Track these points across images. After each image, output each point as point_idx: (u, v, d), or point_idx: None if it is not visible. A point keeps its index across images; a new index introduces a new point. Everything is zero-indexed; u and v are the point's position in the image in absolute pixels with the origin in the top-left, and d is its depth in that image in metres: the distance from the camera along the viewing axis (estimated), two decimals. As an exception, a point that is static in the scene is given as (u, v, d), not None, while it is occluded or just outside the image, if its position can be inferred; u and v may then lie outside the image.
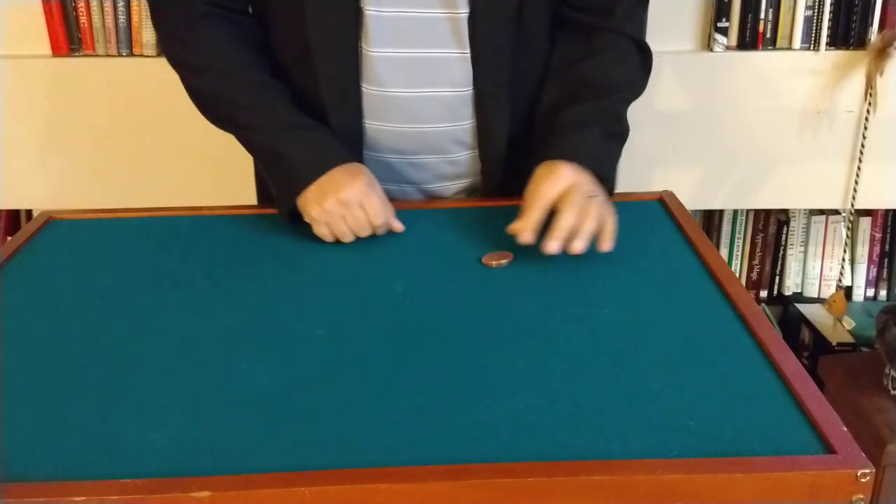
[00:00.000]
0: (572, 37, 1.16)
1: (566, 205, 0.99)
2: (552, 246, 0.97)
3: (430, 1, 1.07)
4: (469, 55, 1.10)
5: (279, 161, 1.10)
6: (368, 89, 1.11)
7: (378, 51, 1.09)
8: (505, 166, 1.18)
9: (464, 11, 1.07)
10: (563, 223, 0.98)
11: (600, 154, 1.09)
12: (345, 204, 1.04)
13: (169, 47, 1.16)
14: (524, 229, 0.99)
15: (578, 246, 0.97)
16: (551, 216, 1.00)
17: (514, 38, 1.11)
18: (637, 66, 1.17)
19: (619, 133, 1.13)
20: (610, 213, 1.01)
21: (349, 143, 1.13)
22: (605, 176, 1.07)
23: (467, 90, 1.13)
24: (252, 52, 1.14)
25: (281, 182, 1.10)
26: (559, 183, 1.00)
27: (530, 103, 1.17)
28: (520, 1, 1.09)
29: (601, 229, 0.99)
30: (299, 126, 1.10)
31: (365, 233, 1.05)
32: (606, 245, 0.99)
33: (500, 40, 1.10)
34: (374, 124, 1.14)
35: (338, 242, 1.06)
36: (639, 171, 1.79)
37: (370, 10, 1.07)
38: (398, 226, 1.08)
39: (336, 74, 1.11)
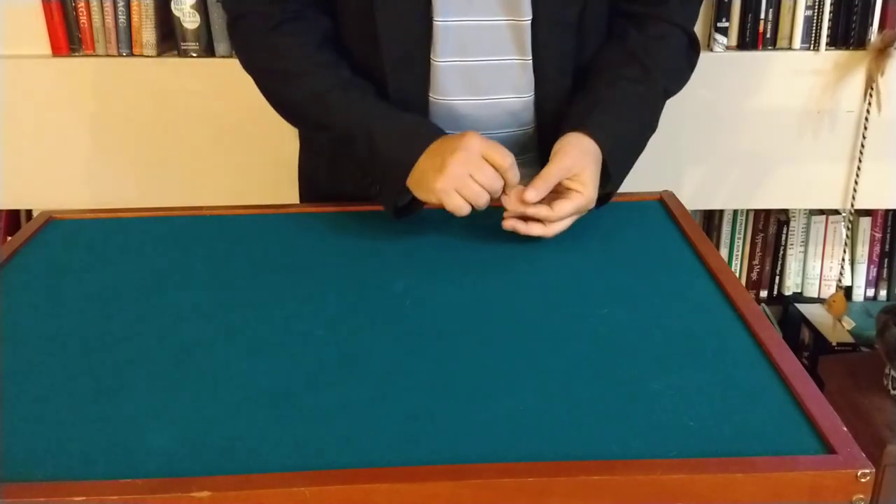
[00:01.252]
0: (626, 23, 1.16)
1: (559, 225, 1.03)
2: (508, 224, 1.03)
3: (495, 8, 1.08)
4: (531, 61, 1.11)
5: (379, 152, 1.05)
6: (434, 99, 1.12)
7: (444, 60, 1.09)
8: None
9: (527, 18, 1.08)
10: (537, 229, 1.03)
11: (629, 159, 1.12)
12: (467, 161, 0.98)
13: (249, 56, 1.14)
14: (527, 200, 1.02)
15: (521, 228, 1.03)
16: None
17: (575, 43, 1.11)
18: (686, 58, 1.18)
19: (652, 128, 1.16)
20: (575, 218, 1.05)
21: None
22: (616, 177, 1.10)
23: (530, 96, 1.13)
24: (332, 52, 1.12)
25: (385, 172, 1.06)
26: (579, 211, 1.04)
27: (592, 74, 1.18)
28: (582, 6, 1.09)
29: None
30: (392, 115, 1.07)
31: (498, 183, 1.00)
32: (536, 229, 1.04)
33: (562, 46, 1.11)
34: None
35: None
36: (639, 171, 1.78)
37: (439, 20, 1.07)
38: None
39: (405, 85, 1.11)
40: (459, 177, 0.99)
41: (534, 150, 1.19)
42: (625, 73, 1.12)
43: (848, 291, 1.96)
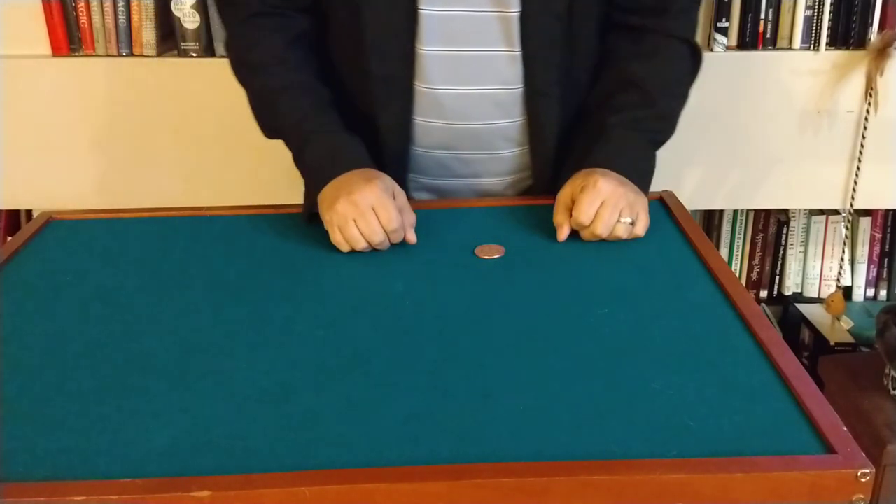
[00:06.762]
0: (623, 37, 1.16)
1: (595, 221, 1.04)
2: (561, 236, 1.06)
3: (482, 0, 1.08)
4: (520, 54, 1.11)
5: (303, 164, 1.11)
6: (420, 87, 1.12)
7: (431, 49, 1.10)
8: (555, 163, 1.19)
9: (515, 10, 1.08)
10: (588, 236, 1.06)
11: (639, 165, 1.12)
12: (356, 206, 1.01)
13: (226, 42, 1.19)
14: (563, 236, 1.06)
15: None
16: None
17: (564, 36, 1.11)
18: (687, 69, 1.18)
19: (660, 141, 1.16)
20: (640, 231, 1.06)
21: (398, 140, 1.15)
22: (641, 186, 1.10)
23: (518, 88, 1.13)
24: (299, 51, 1.14)
25: (306, 185, 1.11)
26: (596, 201, 1.04)
27: (580, 101, 1.19)
28: (570, 0, 1.09)
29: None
30: (323, 130, 1.11)
31: (377, 238, 1.02)
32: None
33: (551, 39, 1.11)
34: (425, 121, 1.15)
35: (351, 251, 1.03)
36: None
37: (425, 9, 1.07)
38: (411, 237, 1.05)
39: (389, 73, 1.12)
40: (344, 218, 1.02)
41: (525, 143, 1.18)
42: (624, 101, 1.13)
43: (848, 291, 1.96)
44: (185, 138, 1.70)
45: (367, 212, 1.01)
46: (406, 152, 1.17)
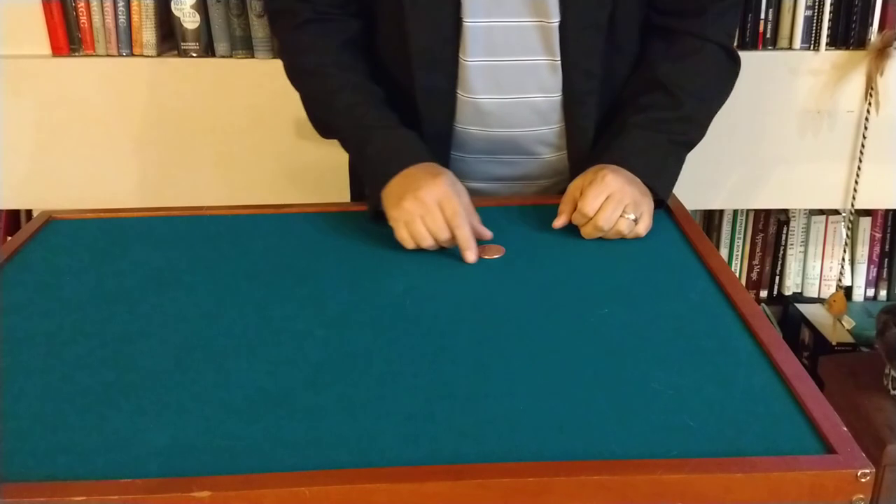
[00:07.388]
0: (658, 39, 1.17)
1: (598, 214, 1.04)
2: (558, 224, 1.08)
3: (523, 10, 1.09)
4: (559, 62, 1.12)
5: (364, 161, 1.11)
6: (462, 96, 1.14)
7: (473, 60, 1.11)
8: None
9: (555, 20, 1.09)
10: (590, 229, 1.05)
11: (653, 165, 1.12)
12: (422, 202, 1.01)
13: (280, 50, 1.21)
14: (559, 223, 1.08)
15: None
16: None
17: (604, 45, 1.12)
18: (722, 73, 1.18)
19: (686, 142, 1.16)
20: (641, 230, 1.06)
21: (439, 145, 1.15)
22: (654, 186, 1.10)
23: (557, 96, 1.14)
24: (351, 53, 1.16)
25: (368, 182, 1.11)
26: (602, 194, 1.04)
27: (619, 106, 1.19)
28: (612, 9, 1.09)
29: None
30: (383, 126, 1.11)
31: (444, 235, 1.01)
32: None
33: (591, 47, 1.11)
34: (465, 128, 1.16)
35: (418, 249, 1.02)
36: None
37: (469, 21, 1.09)
38: (485, 232, 1.05)
39: (433, 84, 1.13)
40: (410, 214, 1.01)
41: (563, 147, 1.20)
42: (647, 103, 1.13)
43: (848, 291, 1.96)
44: (185, 138, 1.70)
45: (433, 208, 1.01)
46: (447, 158, 1.19)
